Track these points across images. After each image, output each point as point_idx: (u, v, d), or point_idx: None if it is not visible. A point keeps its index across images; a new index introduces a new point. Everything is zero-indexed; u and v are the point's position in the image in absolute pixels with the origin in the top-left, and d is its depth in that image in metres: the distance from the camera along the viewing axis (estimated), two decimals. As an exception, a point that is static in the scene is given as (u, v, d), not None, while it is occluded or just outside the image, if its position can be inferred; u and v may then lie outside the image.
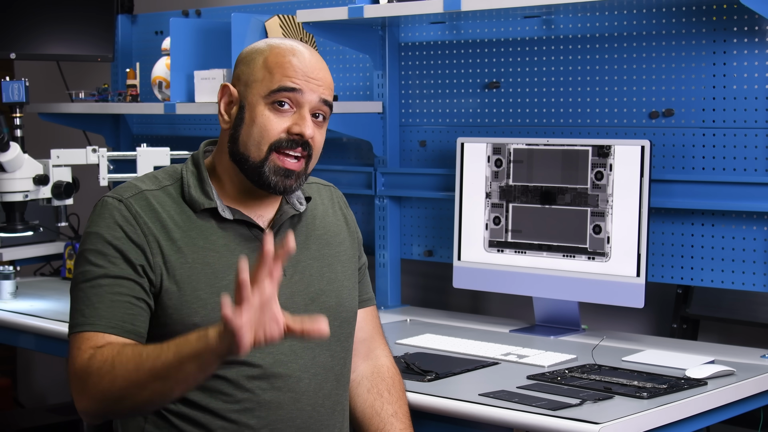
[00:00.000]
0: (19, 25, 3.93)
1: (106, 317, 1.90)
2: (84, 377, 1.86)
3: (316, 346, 2.03)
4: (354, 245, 2.19)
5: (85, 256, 1.95)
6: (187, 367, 1.77)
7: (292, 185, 2.00)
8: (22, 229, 3.44)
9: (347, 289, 2.12)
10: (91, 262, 1.94)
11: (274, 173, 1.98)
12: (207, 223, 1.99)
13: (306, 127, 1.97)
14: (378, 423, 2.17)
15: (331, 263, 2.10)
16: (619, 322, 3.16)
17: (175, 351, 1.79)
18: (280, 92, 1.97)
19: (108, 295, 1.91)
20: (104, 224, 1.96)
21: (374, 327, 2.26)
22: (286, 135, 1.97)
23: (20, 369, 5.19)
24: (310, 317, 1.73)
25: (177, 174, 2.04)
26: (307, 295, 2.04)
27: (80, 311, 1.92)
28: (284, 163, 1.98)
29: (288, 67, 1.98)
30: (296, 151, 1.98)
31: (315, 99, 1.99)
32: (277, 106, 1.97)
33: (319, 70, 2.00)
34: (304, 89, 1.97)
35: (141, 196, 1.99)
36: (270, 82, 1.98)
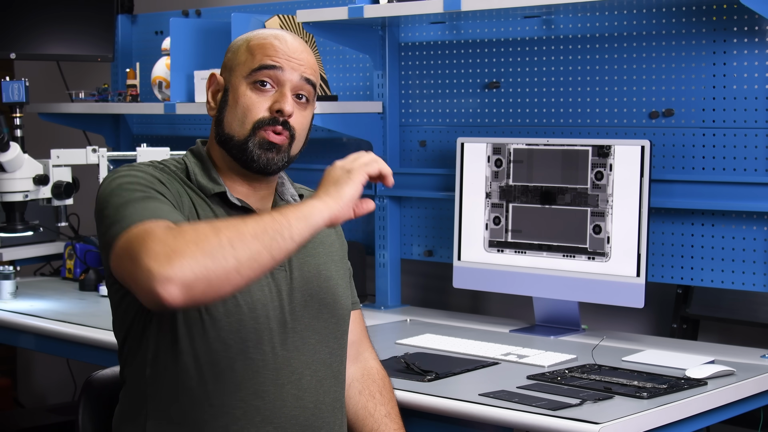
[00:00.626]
0: (19, 25, 3.93)
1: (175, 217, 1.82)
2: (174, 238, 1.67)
3: (316, 342, 2.04)
4: (343, 249, 2.22)
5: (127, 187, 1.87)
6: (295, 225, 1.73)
7: (274, 159, 2.00)
8: (22, 229, 3.44)
9: (341, 287, 2.14)
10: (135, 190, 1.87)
11: (258, 147, 1.99)
12: (217, 207, 2.02)
13: (286, 104, 1.98)
14: (372, 424, 2.19)
15: (325, 262, 2.12)
16: (619, 322, 3.16)
17: (278, 210, 1.76)
18: (261, 71, 1.99)
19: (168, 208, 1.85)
20: (137, 170, 1.94)
21: (362, 330, 2.28)
22: (268, 114, 2.00)
23: (20, 369, 5.19)
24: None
25: (181, 164, 2.06)
26: (306, 292, 2.05)
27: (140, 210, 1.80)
28: (269, 136, 1.99)
29: (269, 47, 2.01)
30: (276, 129, 2.00)
31: (296, 77, 2.01)
32: (259, 86, 2.00)
33: (300, 52, 2.03)
34: (285, 67, 2.00)
35: (163, 169, 2.00)
36: (252, 62, 2.01)
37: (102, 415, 2.19)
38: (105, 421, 2.17)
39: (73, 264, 3.87)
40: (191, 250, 1.64)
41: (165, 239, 1.66)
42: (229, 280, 1.67)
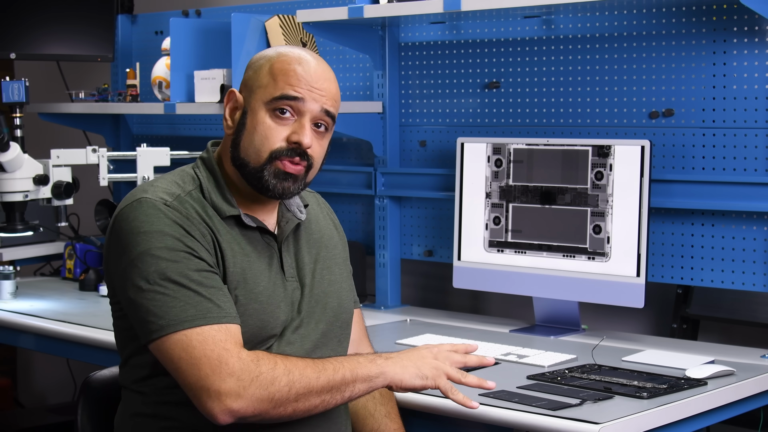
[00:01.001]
0: (19, 25, 3.93)
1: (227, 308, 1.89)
2: (251, 378, 1.83)
3: (322, 345, 2.05)
4: (345, 249, 2.22)
5: (153, 254, 1.87)
6: (358, 387, 1.91)
7: (290, 188, 1.99)
8: (22, 229, 3.44)
9: (345, 290, 2.14)
10: (164, 258, 1.87)
11: (274, 176, 1.98)
12: (233, 229, 2.00)
13: (304, 136, 1.97)
14: (372, 423, 2.19)
15: (329, 266, 2.12)
16: (619, 322, 3.16)
17: (351, 369, 1.90)
18: (282, 100, 1.97)
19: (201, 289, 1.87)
20: (162, 223, 1.90)
21: (361, 329, 2.29)
22: (285, 144, 1.97)
23: (20, 369, 5.19)
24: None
25: (195, 180, 2.02)
26: (312, 298, 2.05)
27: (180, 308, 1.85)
28: (285, 167, 1.98)
29: (292, 75, 1.98)
30: (294, 161, 1.98)
31: (317, 109, 1.99)
32: (279, 113, 1.97)
33: (324, 81, 2.00)
34: (306, 98, 1.97)
35: (180, 200, 1.96)
36: (273, 89, 1.98)
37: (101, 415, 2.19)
38: (104, 421, 2.16)
39: (73, 264, 3.87)
40: (261, 395, 1.83)
41: (240, 376, 1.82)
42: (280, 420, 1.89)
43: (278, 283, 2.00)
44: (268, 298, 1.97)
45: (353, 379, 1.89)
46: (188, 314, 1.84)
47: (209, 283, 1.88)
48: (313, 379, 1.86)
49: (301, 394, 1.85)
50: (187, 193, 1.98)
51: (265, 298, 1.97)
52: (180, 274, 1.86)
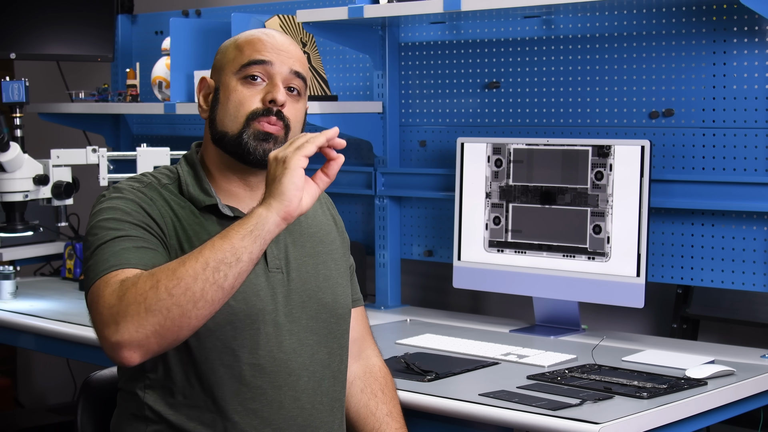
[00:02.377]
0: (19, 25, 3.93)
1: (135, 258, 1.84)
2: (118, 298, 1.73)
3: (314, 343, 2.03)
4: (344, 245, 2.21)
5: (100, 225, 1.89)
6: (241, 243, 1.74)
7: (271, 149, 1.99)
8: (22, 229, 3.44)
9: (341, 286, 2.13)
10: (107, 228, 1.88)
11: (253, 138, 1.98)
12: (209, 219, 2.00)
13: (278, 93, 1.99)
14: (373, 422, 2.18)
15: (325, 261, 2.11)
16: (619, 322, 3.16)
17: (221, 236, 1.75)
18: (251, 66, 2.00)
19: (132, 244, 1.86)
20: (120, 201, 1.94)
21: (364, 327, 2.28)
22: (261, 105, 2.00)
23: (20, 369, 5.19)
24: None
25: (174, 174, 2.06)
26: (304, 292, 2.04)
27: (103, 260, 1.83)
28: (263, 126, 1.99)
29: (257, 42, 2.02)
30: (270, 120, 1.99)
31: (285, 70, 2.01)
32: (250, 80, 2.00)
33: (288, 45, 2.04)
34: (274, 61, 2.01)
35: (151, 187, 2.00)
36: (241, 58, 2.02)
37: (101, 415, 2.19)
38: (104, 421, 2.16)
39: (73, 264, 3.87)
40: (134, 310, 1.70)
41: (110, 302, 1.73)
42: (181, 327, 1.73)
43: (258, 273, 1.98)
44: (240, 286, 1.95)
45: (227, 241, 1.72)
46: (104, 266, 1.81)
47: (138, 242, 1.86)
48: (178, 267, 1.71)
49: (170, 287, 1.69)
50: (162, 186, 2.01)
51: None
52: (114, 238, 1.86)
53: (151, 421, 1.96)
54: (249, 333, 1.95)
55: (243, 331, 1.94)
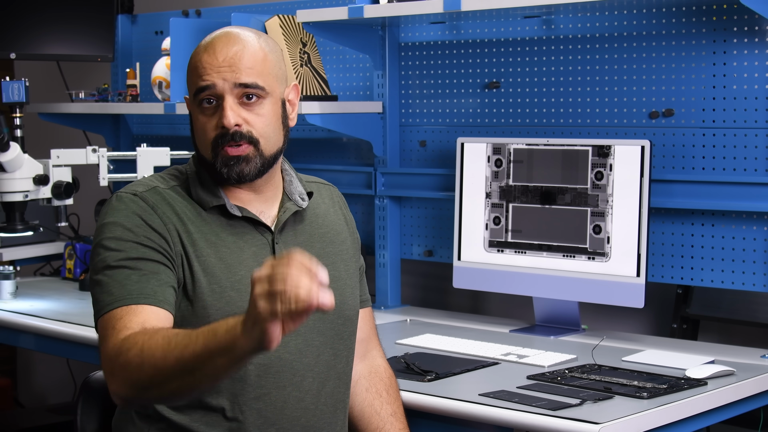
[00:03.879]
0: (19, 25, 3.93)
1: (137, 291, 1.87)
2: (113, 360, 1.80)
3: (320, 344, 2.03)
4: (354, 245, 2.20)
5: (103, 244, 1.92)
6: (217, 361, 1.70)
7: (245, 169, 1.98)
8: (22, 229, 3.44)
9: (350, 287, 2.13)
10: (110, 249, 1.91)
11: (224, 165, 1.98)
12: (216, 219, 2.00)
13: (224, 118, 1.95)
14: (378, 422, 2.18)
15: (334, 262, 2.11)
16: (619, 322, 3.16)
17: (204, 344, 1.71)
18: (199, 94, 1.98)
19: (133, 275, 1.88)
20: (121, 215, 1.94)
21: (371, 328, 2.28)
22: (216, 131, 1.97)
23: (20, 369, 5.19)
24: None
25: (183, 175, 2.06)
26: None
27: (107, 292, 1.88)
28: (228, 152, 1.97)
29: (199, 66, 1.98)
30: (231, 144, 1.97)
31: (228, 87, 1.96)
32: (205, 104, 1.98)
33: (232, 55, 1.97)
34: (215, 82, 1.96)
35: (155, 191, 1.99)
36: (192, 86, 2.00)
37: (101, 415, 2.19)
38: (104, 421, 2.16)
39: (73, 264, 3.87)
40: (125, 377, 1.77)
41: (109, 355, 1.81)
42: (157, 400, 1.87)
43: None
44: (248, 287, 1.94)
45: (208, 354, 1.68)
46: (110, 298, 1.87)
47: (140, 266, 1.89)
48: (159, 360, 1.72)
49: (154, 376, 1.73)
50: (170, 188, 2.01)
51: (244, 287, 1.94)
52: (117, 261, 1.89)
53: (153, 420, 1.96)
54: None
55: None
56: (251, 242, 2.01)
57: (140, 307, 1.86)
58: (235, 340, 1.63)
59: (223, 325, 1.67)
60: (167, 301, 1.89)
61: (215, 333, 1.68)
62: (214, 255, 1.97)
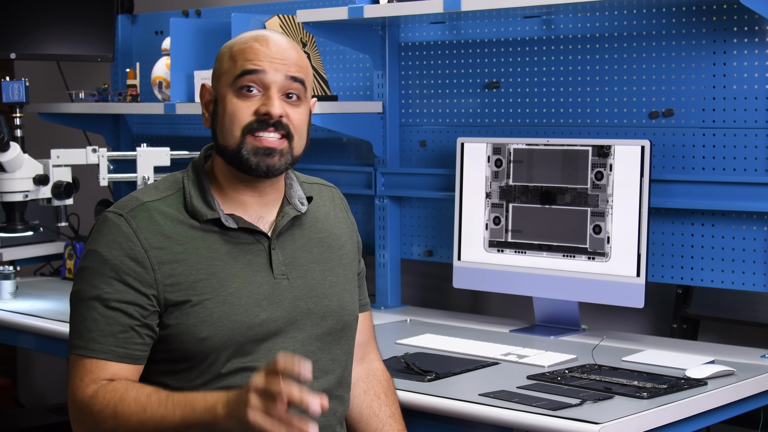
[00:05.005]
0: (19, 25, 3.93)
1: (100, 343, 1.91)
2: (85, 412, 1.89)
3: (318, 350, 2.03)
4: (354, 249, 2.19)
5: (82, 274, 1.96)
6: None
7: (275, 163, 1.97)
8: (22, 229, 3.44)
9: (348, 292, 2.12)
10: (86, 281, 1.94)
11: (253, 154, 1.96)
12: (210, 232, 1.98)
13: (272, 106, 1.95)
14: (376, 424, 2.18)
15: (333, 267, 2.10)
16: (619, 322, 3.16)
17: (181, 417, 1.81)
18: (244, 76, 1.96)
19: (102, 319, 1.91)
20: (103, 242, 1.95)
21: (369, 332, 2.27)
22: (255, 117, 1.96)
23: (20, 369, 5.19)
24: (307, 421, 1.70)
25: (178, 183, 2.03)
26: (310, 300, 2.03)
27: (77, 332, 1.94)
28: (261, 141, 1.96)
29: (249, 52, 1.98)
30: (269, 131, 1.96)
31: (280, 78, 1.97)
32: (245, 91, 1.96)
33: (284, 50, 1.99)
34: (267, 69, 1.96)
35: (142, 209, 1.97)
36: (234, 69, 1.98)
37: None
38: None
39: (73, 264, 3.87)
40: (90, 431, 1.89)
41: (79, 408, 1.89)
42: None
43: (262, 282, 1.98)
44: (241, 299, 1.95)
45: (185, 426, 1.81)
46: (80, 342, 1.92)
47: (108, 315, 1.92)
48: (135, 427, 1.84)
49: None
50: (162, 199, 1.99)
51: (237, 299, 1.94)
52: (92, 298, 1.92)
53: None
54: (252, 344, 1.95)
55: (246, 343, 1.94)
56: (246, 250, 2.00)
57: (110, 363, 1.91)
58: (215, 420, 1.78)
59: (201, 401, 1.80)
60: (129, 355, 1.93)
61: (193, 408, 1.80)
62: (205, 271, 1.95)
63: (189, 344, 1.92)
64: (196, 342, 1.91)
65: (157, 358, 1.96)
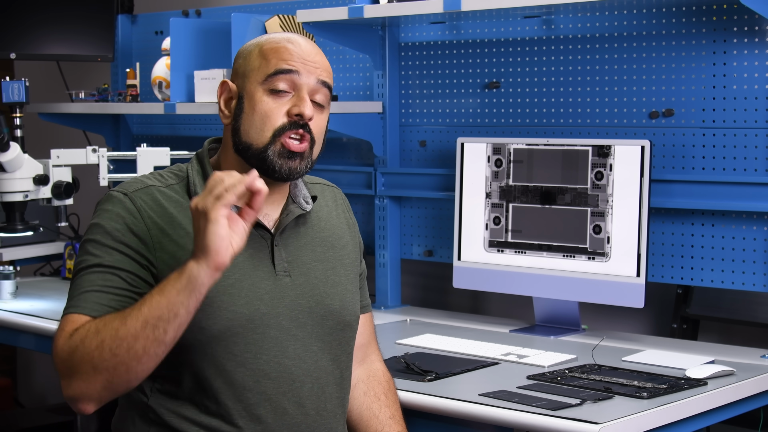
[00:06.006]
0: (19, 25, 3.93)
1: (92, 301, 1.88)
2: (69, 353, 1.82)
3: (319, 350, 2.02)
4: (356, 249, 2.19)
5: (84, 246, 1.95)
6: (177, 299, 1.75)
7: (297, 167, 1.97)
8: (22, 229, 3.44)
9: (350, 292, 2.11)
10: (88, 252, 1.93)
11: (278, 156, 1.96)
12: None
13: (305, 108, 1.95)
14: (376, 425, 2.18)
15: (335, 266, 2.09)
16: (619, 322, 3.16)
17: (158, 291, 1.77)
18: (277, 75, 1.96)
19: (99, 282, 1.90)
20: (106, 216, 1.95)
21: (370, 333, 2.27)
22: (287, 119, 1.96)
23: (20, 369, 5.19)
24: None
25: (183, 173, 2.03)
26: (312, 298, 2.03)
27: (71, 297, 1.91)
28: (288, 145, 1.96)
29: (283, 51, 1.98)
30: (298, 133, 1.96)
31: (312, 81, 1.98)
32: (276, 91, 1.96)
33: (315, 54, 2.00)
34: (301, 71, 1.97)
35: (147, 191, 1.98)
36: (266, 68, 1.97)
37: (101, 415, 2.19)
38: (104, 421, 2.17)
39: (73, 264, 3.87)
40: (83, 368, 1.80)
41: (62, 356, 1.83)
42: (129, 380, 1.81)
43: (263, 277, 1.98)
44: (242, 290, 1.95)
45: (164, 298, 1.75)
46: (70, 303, 1.90)
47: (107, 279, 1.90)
48: (119, 327, 1.77)
49: (115, 348, 1.77)
50: (167, 186, 2.00)
51: (237, 290, 1.94)
52: (93, 266, 1.91)
53: (153, 423, 1.96)
54: (252, 338, 1.94)
55: (246, 336, 1.93)
56: (249, 244, 1.98)
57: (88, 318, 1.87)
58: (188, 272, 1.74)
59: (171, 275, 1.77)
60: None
61: (167, 279, 1.77)
62: None
63: (187, 332, 1.91)
64: (195, 330, 1.90)
65: None
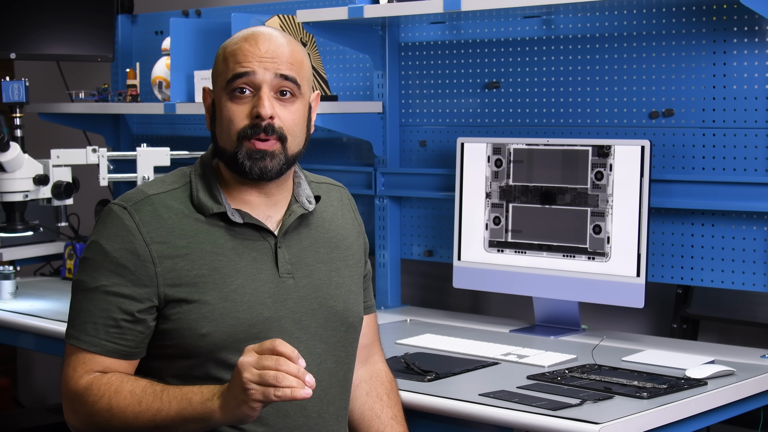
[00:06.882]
0: (19, 25, 3.93)
1: (91, 335, 1.92)
2: (78, 403, 1.91)
3: (322, 352, 2.02)
4: (361, 250, 2.18)
5: (83, 264, 1.97)
6: (189, 426, 1.84)
7: (268, 166, 1.96)
8: (22, 229, 3.44)
9: (354, 294, 2.11)
10: (86, 272, 1.96)
11: (247, 158, 1.96)
12: (216, 226, 1.98)
13: (261, 107, 1.94)
14: (378, 425, 2.18)
15: (339, 267, 2.09)
16: (619, 322, 3.16)
17: (177, 410, 1.83)
18: (235, 80, 1.96)
19: (96, 311, 1.93)
20: (105, 234, 1.95)
21: (374, 334, 2.27)
22: (248, 120, 1.96)
23: (20, 369, 5.19)
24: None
25: (186, 177, 2.03)
26: (315, 300, 2.02)
27: (73, 321, 1.96)
28: (255, 145, 1.95)
29: (239, 53, 1.97)
30: (260, 137, 1.95)
31: (269, 77, 1.96)
32: (237, 93, 1.96)
33: (275, 48, 1.98)
34: (257, 70, 1.95)
35: (147, 202, 1.97)
36: (226, 73, 1.98)
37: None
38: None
39: (73, 264, 3.87)
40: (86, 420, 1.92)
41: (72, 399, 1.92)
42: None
43: (266, 280, 1.97)
44: (244, 296, 1.95)
45: (182, 420, 1.84)
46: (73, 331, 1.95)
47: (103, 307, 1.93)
48: (131, 420, 1.87)
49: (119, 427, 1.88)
50: (168, 192, 1.99)
51: (240, 296, 1.94)
52: (92, 289, 1.94)
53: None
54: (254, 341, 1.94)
55: (248, 342, 1.92)
56: (252, 247, 1.99)
57: (101, 356, 1.93)
58: (211, 413, 1.81)
59: (197, 394, 1.83)
60: (118, 350, 1.94)
61: (189, 401, 1.83)
62: (208, 266, 1.95)
63: (189, 339, 1.91)
64: (197, 338, 1.91)
65: (157, 354, 1.96)
